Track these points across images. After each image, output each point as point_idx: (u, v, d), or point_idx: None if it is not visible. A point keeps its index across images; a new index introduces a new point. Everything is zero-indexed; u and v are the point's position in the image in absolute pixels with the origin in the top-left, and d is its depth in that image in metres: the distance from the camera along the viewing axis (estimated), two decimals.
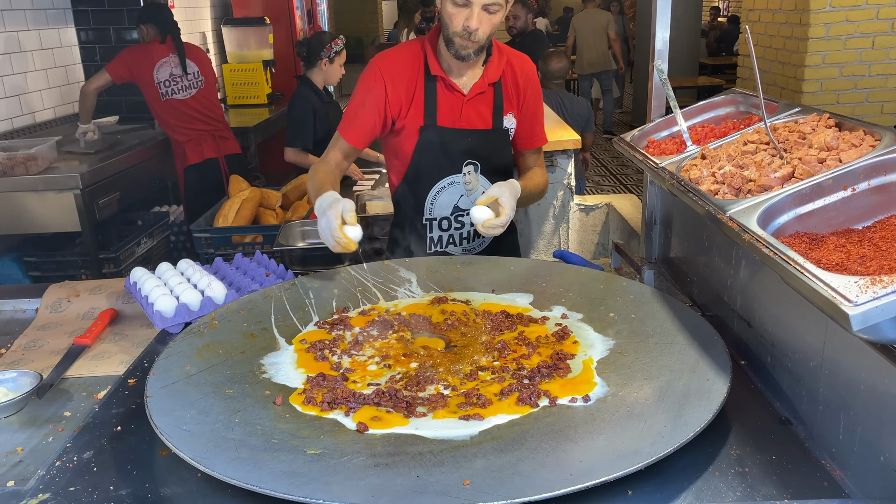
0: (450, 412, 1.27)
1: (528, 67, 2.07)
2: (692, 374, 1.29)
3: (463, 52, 1.87)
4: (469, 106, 1.99)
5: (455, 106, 1.99)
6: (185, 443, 1.14)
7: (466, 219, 2.10)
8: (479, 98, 2.00)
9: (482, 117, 2.01)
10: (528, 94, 2.06)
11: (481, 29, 1.83)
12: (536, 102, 2.10)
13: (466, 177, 2.05)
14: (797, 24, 5.58)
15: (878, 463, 1.01)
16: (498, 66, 1.99)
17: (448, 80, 1.96)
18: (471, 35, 1.83)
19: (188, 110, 4.29)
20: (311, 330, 1.63)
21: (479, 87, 1.98)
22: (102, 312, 1.81)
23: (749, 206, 1.20)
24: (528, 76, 2.06)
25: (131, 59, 4.17)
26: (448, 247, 2.14)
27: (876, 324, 0.85)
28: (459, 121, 2.00)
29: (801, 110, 1.56)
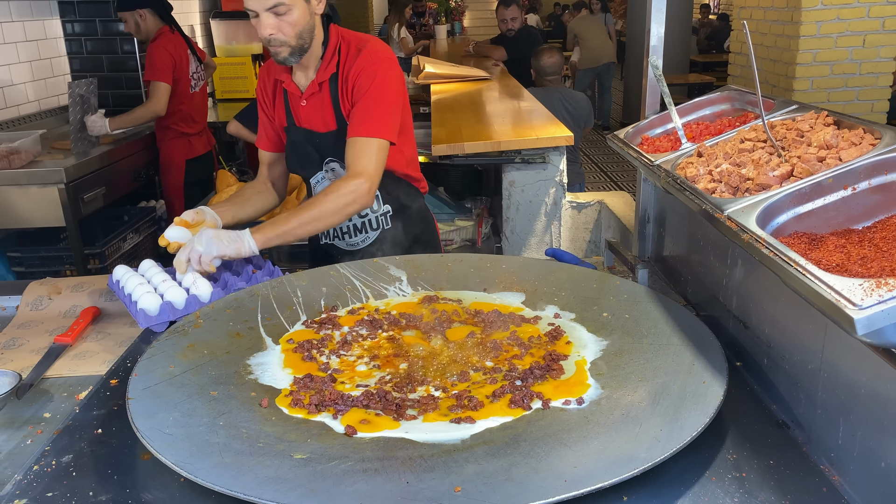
0: (440, 415, 1.24)
1: (362, 58, 1.94)
2: (688, 376, 1.26)
3: (278, 57, 1.90)
4: (307, 107, 2.02)
5: (297, 106, 2.03)
6: (168, 447, 1.10)
7: None
8: (316, 98, 2.00)
9: (323, 117, 2.02)
10: (358, 84, 1.93)
11: (279, 33, 1.84)
12: (365, 91, 1.92)
13: (328, 174, 2.08)
14: (789, 22, 5.58)
15: (879, 469, 0.99)
16: (329, 63, 1.98)
17: (285, 84, 2.02)
18: (270, 42, 1.85)
19: (201, 102, 4.35)
20: (299, 329, 1.60)
21: (311, 88, 1.99)
22: (84, 310, 1.76)
23: (747, 205, 1.18)
24: (360, 67, 1.93)
25: (174, 51, 4.07)
26: (334, 240, 2.20)
27: (881, 328, 0.83)
28: (304, 121, 2.04)
29: (798, 108, 1.54)
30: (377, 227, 2.15)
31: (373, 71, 1.93)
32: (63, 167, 3.39)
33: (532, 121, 3.58)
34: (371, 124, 1.91)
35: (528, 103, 4.15)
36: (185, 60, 4.16)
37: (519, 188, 3.24)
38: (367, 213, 2.12)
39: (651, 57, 1.82)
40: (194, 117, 4.32)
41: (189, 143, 4.30)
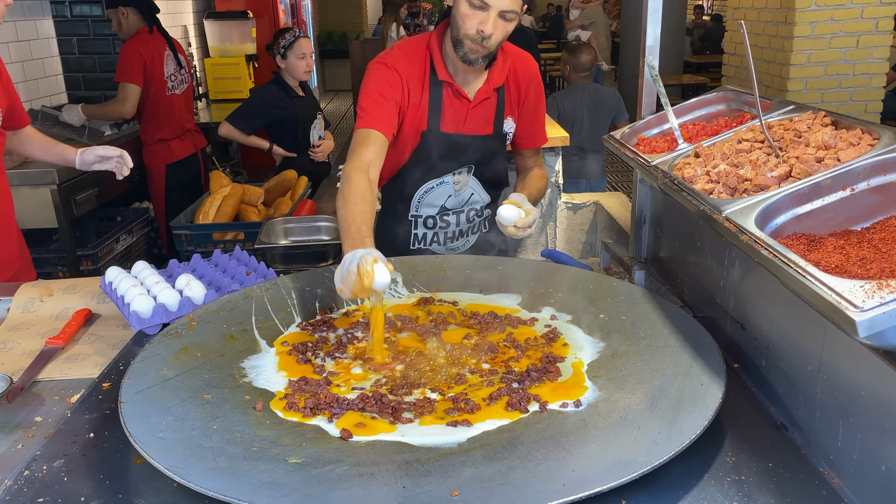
0: (437, 418, 1.22)
1: (530, 67, 2.01)
2: (686, 378, 1.25)
3: (472, 55, 1.80)
4: (474, 112, 1.95)
5: (460, 112, 1.94)
6: (161, 451, 1.09)
7: (452, 218, 2.07)
8: (484, 103, 1.95)
9: (486, 122, 1.98)
10: (530, 94, 2.01)
11: (495, 35, 1.76)
12: (537, 102, 2.05)
13: (456, 177, 2.01)
14: (782, 23, 5.59)
15: (880, 472, 0.98)
16: (502, 70, 1.94)
17: (455, 86, 1.91)
18: (483, 40, 1.76)
19: (182, 105, 4.25)
20: (294, 332, 1.59)
21: (485, 93, 1.94)
22: (76, 313, 1.74)
23: (746, 206, 1.17)
24: (530, 76, 2.00)
25: (145, 52, 3.97)
26: (432, 245, 2.10)
27: (882, 330, 0.82)
28: (464, 127, 1.95)
29: (795, 108, 1.53)
30: (477, 232, 2.15)
31: (539, 80, 2.04)
32: (55, 168, 3.36)
33: None
34: (545, 133, 2.13)
35: None
36: (158, 62, 4.06)
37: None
38: (474, 217, 2.10)
39: (647, 57, 1.82)
40: (174, 120, 4.21)
41: (168, 147, 4.20)
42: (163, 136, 4.17)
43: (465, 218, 2.08)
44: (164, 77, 4.09)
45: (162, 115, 4.14)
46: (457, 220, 2.08)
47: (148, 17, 4.06)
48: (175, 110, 4.20)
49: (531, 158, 2.14)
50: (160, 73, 4.07)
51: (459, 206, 2.05)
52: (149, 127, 4.16)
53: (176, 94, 4.20)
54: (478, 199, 2.08)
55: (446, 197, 2.03)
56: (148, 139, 4.18)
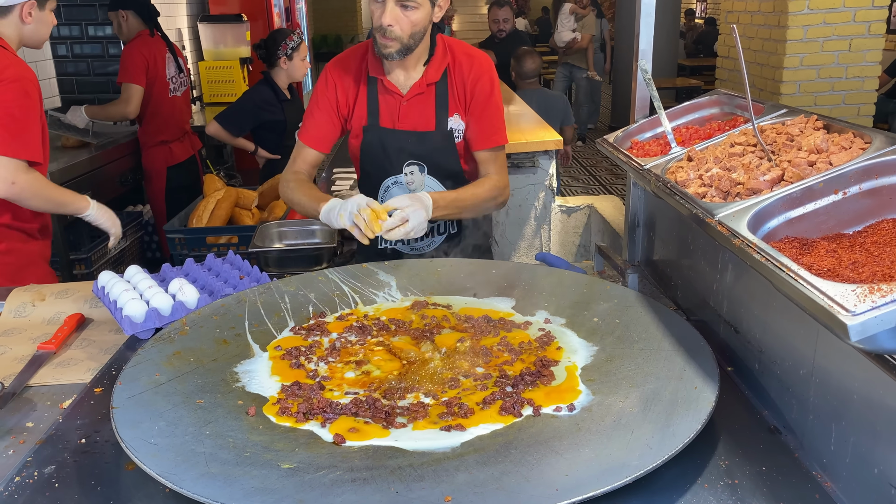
0: (430, 422, 1.22)
1: (478, 65, 2.00)
2: (679, 382, 1.25)
3: (384, 50, 1.85)
4: (408, 107, 1.97)
5: (393, 107, 1.98)
6: (153, 457, 1.08)
7: None
8: (419, 98, 1.97)
9: (424, 118, 1.98)
10: (477, 91, 1.99)
11: (397, 26, 1.80)
12: (487, 101, 2.00)
13: (408, 177, 2.03)
14: (775, 26, 5.61)
15: (872, 476, 0.98)
16: (440, 65, 1.96)
17: (385, 81, 1.96)
18: (386, 32, 1.81)
19: (182, 107, 4.29)
20: (287, 336, 1.58)
21: (418, 88, 1.96)
22: (69, 317, 1.74)
23: (738, 209, 1.17)
24: (477, 74, 1.99)
25: (147, 54, 4.01)
26: (397, 244, 2.14)
27: (874, 334, 0.82)
28: (399, 122, 1.98)
29: (787, 112, 1.54)
30: (444, 232, 2.13)
31: (489, 78, 2.01)
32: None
33: (521, 125, 3.58)
34: (501, 133, 2.06)
35: (517, 107, 4.15)
36: (160, 64, 4.09)
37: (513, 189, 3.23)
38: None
39: (640, 61, 1.82)
40: (174, 122, 4.25)
41: (170, 150, 4.24)
42: (164, 137, 4.19)
43: None
44: (166, 79, 4.11)
45: (164, 117, 4.16)
46: None
47: (148, 20, 4.08)
48: (176, 112, 4.23)
49: (486, 163, 2.05)
50: (162, 75, 4.09)
51: None
52: (150, 129, 4.17)
53: (177, 97, 4.23)
54: None
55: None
56: (148, 141, 4.19)
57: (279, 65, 3.96)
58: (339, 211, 1.76)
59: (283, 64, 3.95)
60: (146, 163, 4.24)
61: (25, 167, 2.21)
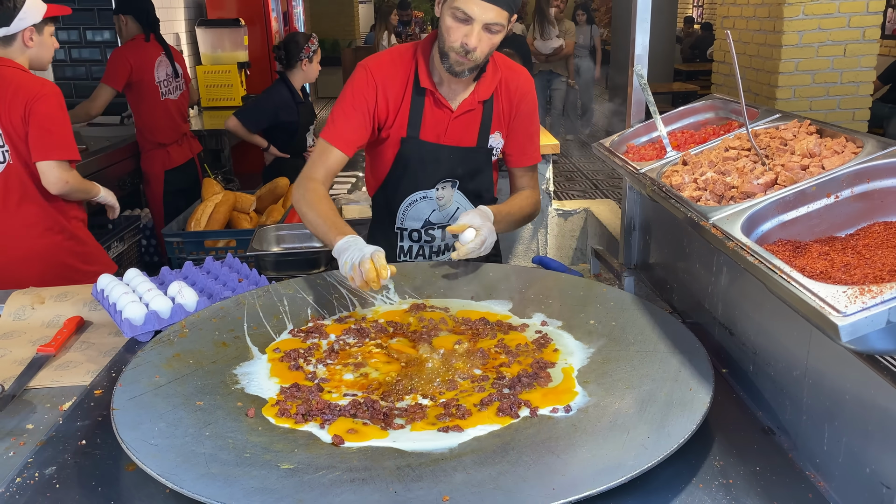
0: (428, 424, 1.23)
1: (523, 83, 1.98)
2: (674, 383, 1.27)
3: (457, 67, 1.79)
4: (456, 122, 1.92)
5: (441, 121, 1.91)
6: (153, 458, 1.09)
7: (437, 233, 2.05)
8: (468, 115, 1.92)
9: (468, 134, 1.94)
10: (521, 110, 1.98)
11: (480, 48, 1.74)
12: (530, 119, 2.01)
13: (440, 191, 1.99)
14: (771, 32, 5.64)
15: (864, 475, 1.00)
16: (491, 83, 1.92)
17: (437, 95, 1.88)
18: (468, 53, 1.75)
19: (178, 111, 4.28)
20: (286, 338, 1.59)
21: (469, 105, 1.91)
22: (68, 320, 1.74)
23: (732, 213, 1.19)
24: (522, 92, 1.97)
25: (133, 59, 4.03)
26: (417, 258, 2.09)
27: (864, 335, 0.84)
28: (444, 136, 1.93)
29: (781, 116, 1.55)
30: None
31: (532, 97, 2.00)
32: None
33: None
34: (538, 151, 2.09)
35: None
36: (148, 67, 4.10)
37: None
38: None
39: (636, 66, 1.84)
40: (170, 125, 4.25)
41: (167, 153, 4.24)
42: (161, 140, 4.20)
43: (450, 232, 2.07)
44: (154, 82, 4.11)
45: (158, 120, 4.17)
46: (442, 235, 2.05)
47: (146, 25, 4.11)
48: (171, 115, 4.24)
49: (523, 178, 2.08)
50: (150, 79, 4.10)
51: (444, 220, 2.03)
52: (145, 131, 4.19)
53: (171, 100, 4.23)
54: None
55: (430, 211, 2.01)
56: (146, 145, 4.21)
57: (299, 67, 4.04)
58: (345, 258, 1.62)
59: (304, 66, 4.04)
60: (144, 166, 4.25)
61: (68, 166, 2.56)
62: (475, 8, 1.68)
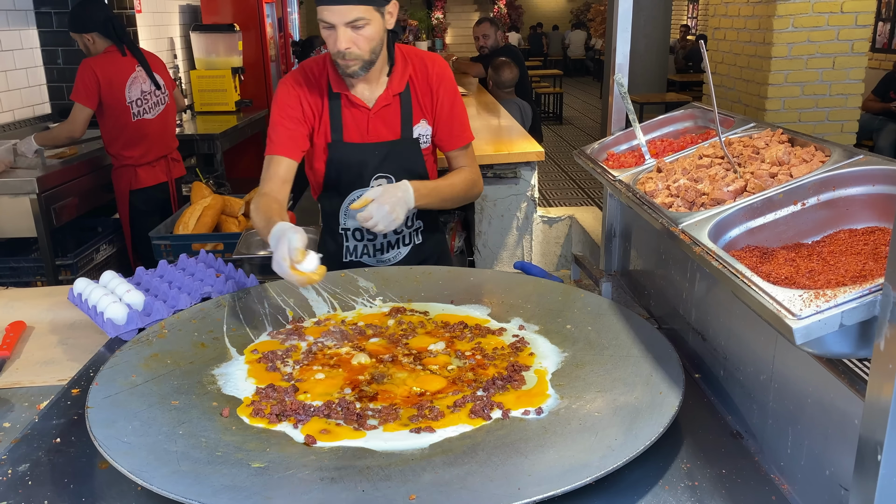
0: (401, 425, 1.24)
1: (438, 68, 2.02)
2: (645, 388, 1.28)
3: (347, 70, 1.86)
4: (376, 119, 1.98)
5: (361, 121, 1.98)
6: (125, 455, 1.10)
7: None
8: (386, 110, 1.98)
9: (391, 128, 2.00)
10: (441, 94, 2.01)
11: (355, 47, 1.81)
12: (451, 101, 2.04)
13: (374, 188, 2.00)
14: (761, 44, 5.69)
15: (824, 477, 1.01)
16: (402, 75, 1.97)
17: (350, 97, 1.96)
18: (344, 55, 1.82)
19: (154, 131, 3.89)
20: (264, 340, 1.60)
21: (384, 100, 1.97)
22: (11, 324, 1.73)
23: (701, 219, 1.21)
24: (439, 77, 2.01)
25: (102, 72, 3.64)
26: (363, 257, 2.13)
27: (820, 337, 0.85)
28: (367, 135, 1.99)
29: (756, 125, 1.58)
30: (409, 243, 2.14)
31: (450, 80, 2.04)
32: (35, 177, 3.37)
33: (504, 137, 3.62)
34: (469, 131, 2.11)
35: (502, 120, 4.19)
36: (118, 84, 3.72)
37: (491, 202, 3.27)
38: (402, 229, 2.09)
39: (616, 75, 1.86)
40: (144, 146, 3.86)
41: (135, 173, 3.86)
42: (130, 161, 3.84)
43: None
44: (125, 103, 3.75)
45: (127, 141, 3.81)
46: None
47: (115, 38, 3.75)
48: (146, 136, 3.86)
49: (457, 159, 2.11)
50: (121, 99, 3.73)
51: None
52: (112, 150, 3.86)
53: (146, 119, 3.85)
54: None
55: None
56: (114, 162, 3.89)
57: None
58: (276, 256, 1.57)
59: None
60: (113, 181, 3.90)
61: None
62: (329, 14, 1.78)
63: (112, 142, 3.82)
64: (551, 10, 23.67)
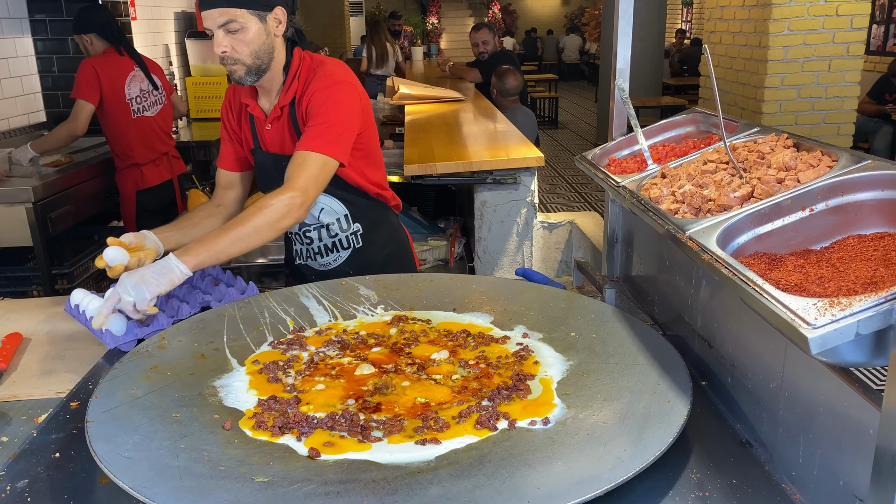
0: (406, 436, 1.23)
1: (316, 79, 1.92)
2: (653, 396, 1.27)
3: (234, 76, 1.88)
4: (270, 132, 2.01)
5: (262, 131, 2.03)
6: (126, 471, 1.08)
7: (314, 234, 2.11)
8: (277, 123, 1.99)
9: (285, 141, 2.00)
10: (310, 106, 1.90)
11: (233, 51, 1.82)
12: (318, 112, 1.88)
13: None
14: (757, 47, 5.70)
15: (838, 487, 1.00)
16: (290, 87, 1.95)
17: (251, 107, 2.00)
18: (224, 60, 1.85)
19: (154, 129, 4.05)
20: (265, 350, 1.58)
21: (275, 113, 1.98)
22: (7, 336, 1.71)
23: (708, 225, 1.19)
24: (313, 89, 1.91)
25: (103, 71, 3.78)
26: (307, 260, 2.17)
27: (835, 347, 0.84)
28: (268, 146, 2.03)
29: (759, 130, 1.57)
30: (348, 247, 2.13)
31: (326, 93, 1.89)
32: (31, 186, 3.34)
33: (504, 142, 3.61)
34: (319, 140, 1.84)
35: (500, 125, 4.18)
36: (118, 83, 3.86)
37: (491, 208, 3.25)
38: (336, 232, 2.09)
39: (617, 80, 1.85)
40: (144, 144, 4.00)
41: (140, 173, 4.01)
42: (134, 160, 3.97)
43: (326, 233, 2.10)
44: (125, 100, 3.88)
45: (129, 139, 3.92)
46: (318, 236, 2.11)
47: (113, 40, 3.89)
48: (147, 133, 3.99)
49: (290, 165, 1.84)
50: (121, 96, 3.86)
51: (314, 221, 2.08)
52: (117, 150, 3.96)
53: (146, 117, 3.99)
54: (331, 213, 2.06)
55: None
56: (119, 163, 3.99)
57: None
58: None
59: None
60: (118, 184, 4.04)
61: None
62: (205, 18, 1.81)
63: (116, 140, 3.95)
64: (546, 14, 23.74)
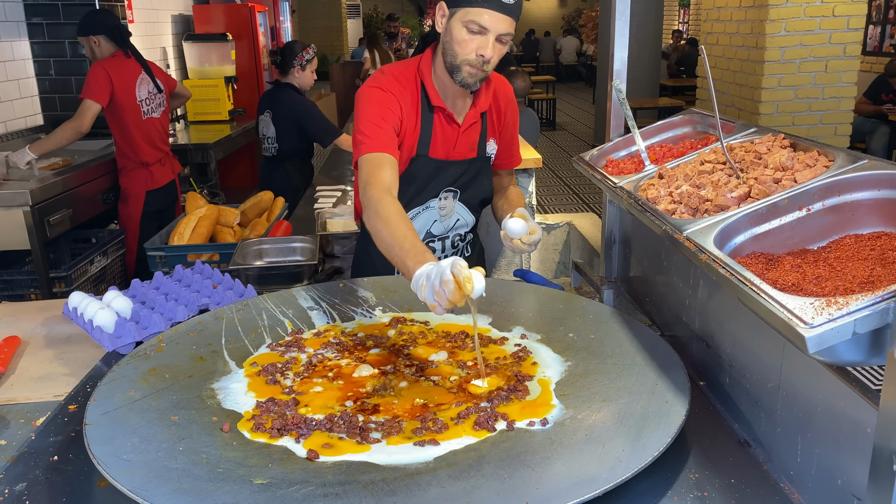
0: (405, 438, 1.23)
1: (507, 90, 2.03)
2: (651, 396, 1.27)
3: (470, 80, 1.78)
4: (463, 137, 1.94)
5: (451, 138, 1.92)
6: (124, 473, 1.08)
7: (437, 244, 2.03)
8: (472, 128, 1.95)
9: (472, 146, 1.97)
10: (508, 116, 2.02)
11: (493, 58, 1.77)
12: (514, 124, 2.08)
13: (442, 202, 1.98)
14: (753, 48, 5.71)
15: (836, 486, 1.00)
16: (487, 94, 1.94)
17: (447, 112, 1.89)
18: (484, 64, 1.75)
19: (159, 129, 4.13)
20: (264, 352, 1.58)
21: (472, 118, 1.92)
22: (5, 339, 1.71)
23: (705, 225, 1.20)
24: (508, 99, 2.02)
25: (115, 74, 3.82)
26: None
27: (832, 346, 0.84)
28: (453, 152, 1.94)
29: (756, 130, 1.57)
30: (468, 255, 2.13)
31: (515, 102, 2.07)
32: (28, 189, 3.34)
33: None
34: (519, 152, 2.17)
35: None
36: (129, 86, 3.90)
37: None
38: (458, 243, 2.07)
39: (615, 81, 1.85)
40: (152, 144, 4.07)
41: (150, 173, 4.05)
42: (144, 160, 4.04)
43: (449, 244, 2.06)
44: (136, 101, 3.96)
45: (141, 140, 4.01)
46: (441, 247, 2.05)
47: (121, 43, 3.94)
48: (153, 134, 4.09)
49: (507, 178, 2.17)
50: (132, 98, 3.92)
51: (445, 231, 2.03)
52: (127, 151, 4.00)
53: (153, 118, 4.10)
54: (463, 224, 2.06)
55: (431, 222, 2.00)
56: (128, 164, 4.02)
57: (292, 73, 4.16)
58: (423, 281, 1.41)
59: (296, 73, 4.16)
60: (125, 185, 4.07)
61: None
62: (490, 19, 1.70)
63: (127, 142, 3.98)
64: (543, 16, 23.78)
